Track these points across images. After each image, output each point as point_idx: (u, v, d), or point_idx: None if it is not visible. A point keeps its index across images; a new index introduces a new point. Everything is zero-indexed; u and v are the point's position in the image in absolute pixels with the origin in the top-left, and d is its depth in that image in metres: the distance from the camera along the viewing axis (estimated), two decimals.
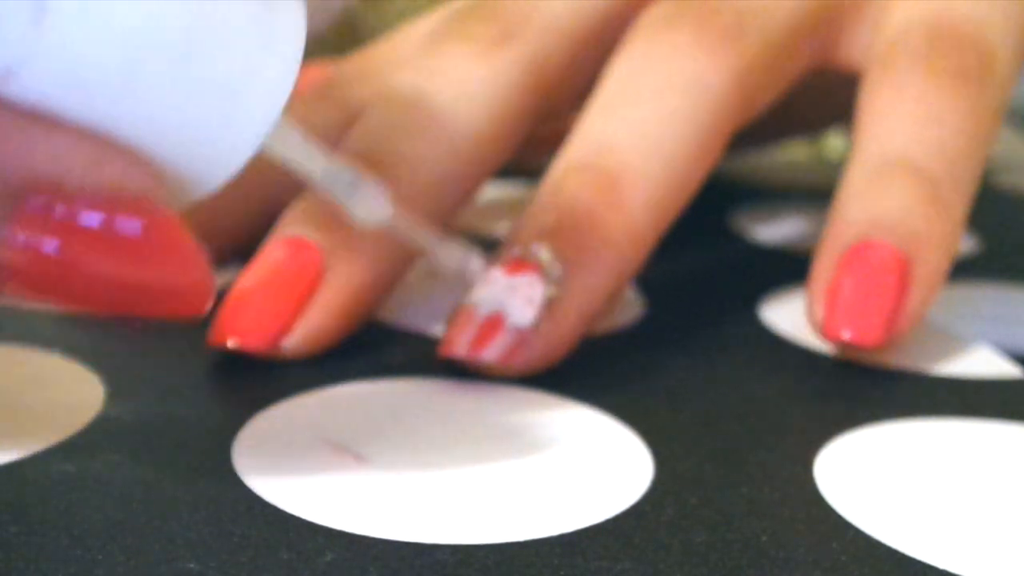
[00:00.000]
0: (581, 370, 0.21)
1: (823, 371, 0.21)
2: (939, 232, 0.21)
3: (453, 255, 0.20)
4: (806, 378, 0.21)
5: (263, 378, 0.19)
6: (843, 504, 0.16)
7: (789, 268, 0.26)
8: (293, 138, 0.16)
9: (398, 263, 0.21)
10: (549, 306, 0.19)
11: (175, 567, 0.14)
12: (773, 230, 0.31)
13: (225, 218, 0.23)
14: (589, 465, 0.17)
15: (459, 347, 0.19)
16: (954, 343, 0.23)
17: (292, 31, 0.15)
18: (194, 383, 0.19)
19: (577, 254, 0.20)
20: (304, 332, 0.20)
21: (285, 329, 0.20)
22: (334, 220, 0.20)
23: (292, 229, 0.21)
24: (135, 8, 0.13)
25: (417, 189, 0.21)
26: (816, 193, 0.31)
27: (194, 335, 0.21)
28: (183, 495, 0.15)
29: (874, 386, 0.21)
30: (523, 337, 0.19)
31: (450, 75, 0.22)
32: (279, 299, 0.20)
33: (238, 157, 0.15)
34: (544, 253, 0.20)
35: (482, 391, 0.19)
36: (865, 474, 0.17)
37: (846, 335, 0.20)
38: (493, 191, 0.31)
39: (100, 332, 0.21)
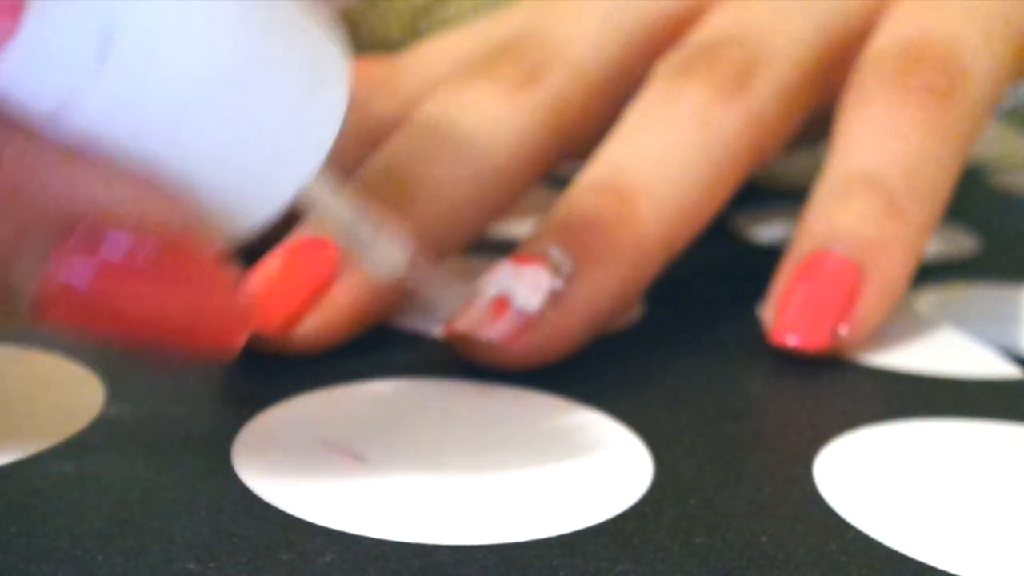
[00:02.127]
0: (581, 370, 0.21)
1: (823, 371, 0.21)
2: (894, 241, 0.22)
3: (456, 302, 0.20)
4: (806, 378, 0.21)
5: (263, 378, 0.19)
6: (843, 504, 0.16)
7: None
8: (328, 184, 0.16)
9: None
10: (554, 297, 0.20)
11: (175, 567, 0.14)
12: (773, 231, 0.31)
13: None
14: (589, 466, 0.17)
15: (463, 324, 0.20)
16: (954, 343, 0.23)
17: (338, 78, 0.15)
18: (194, 384, 0.19)
19: (586, 253, 0.20)
20: (315, 325, 0.20)
21: (296, 320, 0.20)
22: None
23: (313, 230, 0.21)
24: (196, 49, 0.13)
25: (436, 213, 0.22)
26: None
27: None
28: (183, 496, 0.15)
29: (874, 386, 0.21)
30: (527, 322, 0.20)
31: (476, 110, 0.23)
32: (294, 291, 0.20)
33: (280, 198, 0.15)
34: (553, 249, 0.20)
35: (482, 392, 0.19)
36: (865, 474, 0.17)
37: (791, 340, 0.21)
38: None
39: None
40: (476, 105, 0.23)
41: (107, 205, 0.14)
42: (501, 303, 0.20)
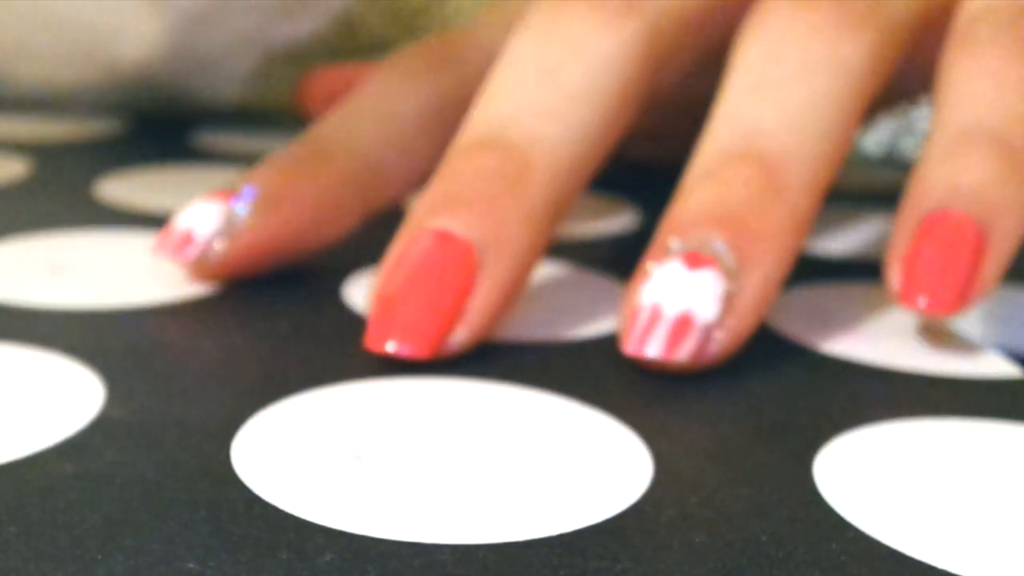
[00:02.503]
0: (580, 370, 0.21)
1: (823, 371, 0.21)
2: (1016, 201, 0.21)
3: None
4: (806, 378, 0.21)
5: (263, 378, 0.19)
6: (843, 504, 0.16)
7: None
8: None
9: (536, 255, 0.21)
10: (728, 301, 0.20)
11: (174, 567, 0.14)
12: None
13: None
14: (588, 465, 0.17)
15: (652, 349, 0.20)
16: (955, 343, 0.23)
17: None
18: (194, 383, 0.19)
19: (750, 247, 0.20)
20: (466, 336, 0.20)
21: (446, 333, 0.20)
22: (477, 211, 0.20)
23: (436, 221, 0.20)
24: None
25: (551, 175, 0.21)
26: None
27: (192, 335, 0.21)
28: (182, 495, 0.15)
29: (874, 386, 0.21)
30: (709, 333, 0.20)
31: (577, 46, 0.22)
32: (438, 301, 0.20)
33: None
34: (720, 246, 0.20)
35: (482, 391, 0.19)
36: (865, 474, 0.17)
37: (922, 303, 0.20)
38: None
39: (100, 332, 0.21)
40: (577, 40, 0.22)
41: None
42: (684, 322, 0.20)
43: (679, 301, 0.20)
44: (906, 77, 0.25)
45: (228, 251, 0.23)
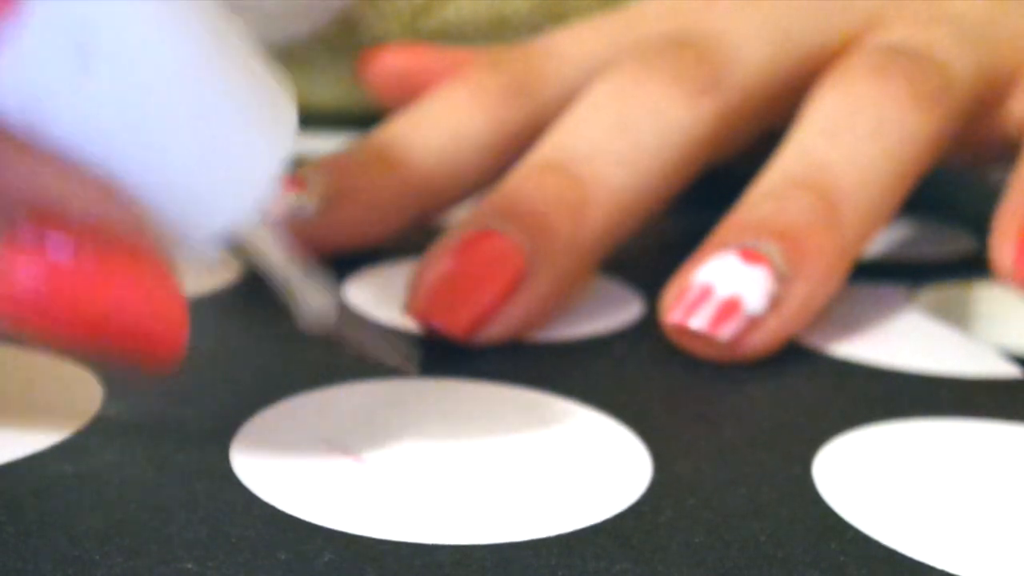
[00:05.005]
0: (580, 370, 0.21)
1: (822, 371, 0.21)
2: None
3: (387, 349, 0.20)
4: (805, 378, 0.21)
5: (262, 378, 0.19)
6: (842, 504, 0.16)
7: None
8: (266, 226, 0.17)
9: (575, 282, 0.23)
10: (774, 301, 0.21)
11: (173, 567, 0.14)
12: None
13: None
14: (587, 465, 0.17)
15: (697, 321, 0.21)
16: (954, 343, 0.23)
17: (287, 122, 0.16)
18: (192, 383, 0.19)
19: (801, 259, 0.21)
20: (498, 334, 0.21)
21: (485, 321, 0.21)
22: (533, 223, 0.21)
23: (497, 224, 0.22)
24: (164, 75, 0.14)
25: (607, 213, 0.23)
26: None
27: (192, 335, 0.21)
28: (181, 495, 0.15)
29: (873, 386, 0.21)
30: (753, 324, 0.21)
31: (656, 110, 0.24)
32: (486, 290, 0.21)
33: (223, 222, 0.15)
34: (775, 252, 0.21)
35: (481, 391, 0.19)
36: (864, 474, 0.17)
37: None
38: None
39: None
40: (656, 107, 0.24)
41: (60, 200, 0.14)
42: (732, 305, 0.21)
43: (731, 286, 0.21)
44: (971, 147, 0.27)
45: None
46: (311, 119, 0.37)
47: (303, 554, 0.14)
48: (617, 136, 0.23)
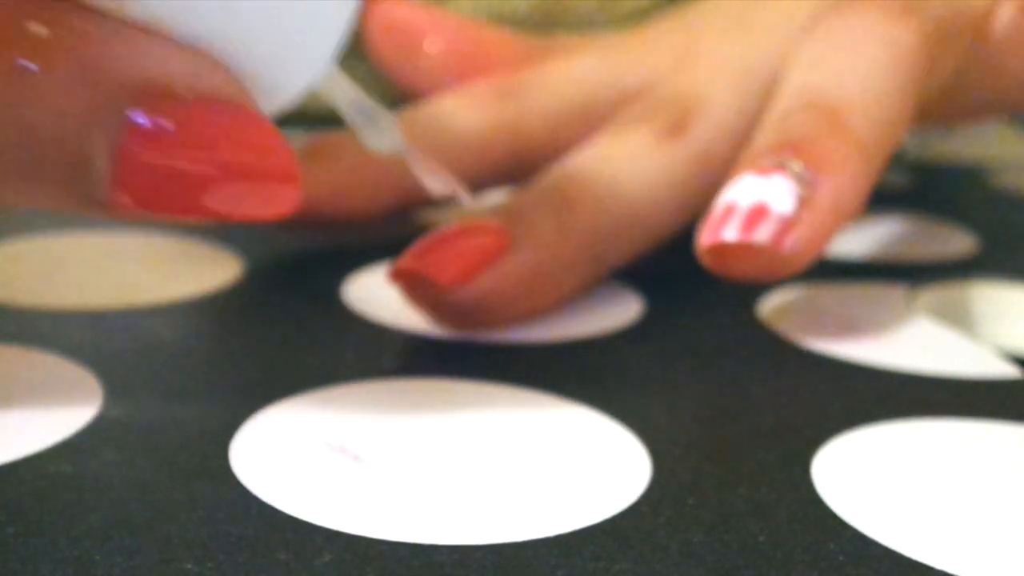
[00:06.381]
0: (579, 370, 0.21)
1: (822, 371, 0.21)
2: None
3: (445, 185, 0.21)
4: (805, 378, 0.21)
5: (262, 378, 0.19)
6: (841, 504, 0.16)
7: None
8: (336, 71, 0.18)
9: (571, 266, 0.23)
10: (803, 201, 0.21)
11: (173, 567, 0.14)
12: None
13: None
14: (587, 465, 0.17)
15: (729, 232, 0.21)
16: (954, 343, 0.23)
17: None
18: (192, 384, 0.19)
19: (818, 160, 0.21)
20: (483, 288, 0.21)
21: (465, 277, 0.21)
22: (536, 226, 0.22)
23: (493, 219, 0.22)
24: None
25: (594, 235, 0.23)
26: None
27: (191, 335, 0.21)
28: (181, 496, 0.15)
29: (873, 386, 0.21)
30: (787, 223, 0.21)
31: (630, 156, 0.25)
32: (469, 250, 0.22)
33: (307, 75, 0.17)
34: (792, 162, 0.21)
35: (480, 392, 0.19)
36: (863, 474, 0.17)
37: None
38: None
39: (99, 332, 0.21)
40: (631, 152, 0.25)
41: (171, 74, 0.15)
42: (759, 210, 0.21)
43: (753, 196, 0.21)
44: (964, 89, 0.27)
45: None
46: (311, 119, 0.37)
47: (303, 554, 0.14)
48: (595, 192, 0.24)
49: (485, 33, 0.33)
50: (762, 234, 0.21)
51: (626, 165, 0.25)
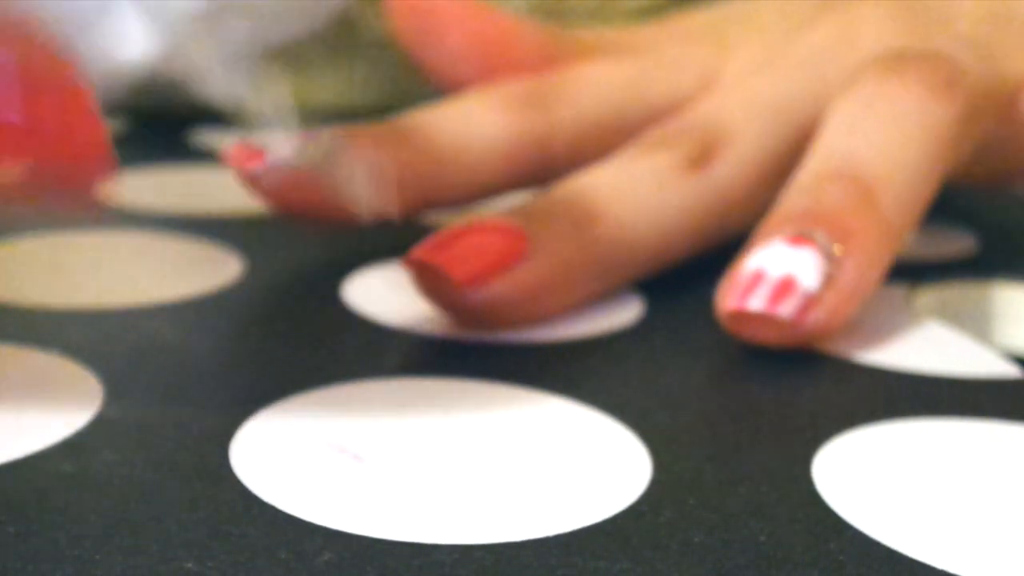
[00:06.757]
0: (580, 370, 0.21)
1: (822, 371, 0.21)
2: None
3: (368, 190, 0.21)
4: (805, 378, 0.21)
5: (262, 378, 0.19)
6: (841, 504, 0.16)
7: None
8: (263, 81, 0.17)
9: (581, 288, 0.23)
10: (828, 279, 0.21)
11: (173, 567, 0.14)
12: None
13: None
14: (587, 465, 0.17)
15: (755, 302, 0.21)
16: (953, 343, 0.23)
17: None
18: (192, 383, 0.19)
19: (846, 238, 0.22)
20: (496, 294, 0.21)
21: (481, 280, 0.21)
22: (556, 228, 0.23)
23: (513, 220, 0.22)
24: None
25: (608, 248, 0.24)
26: None
27: (192, 335, 0.21)
28: (181, 495, 0.15)
29: (873, 385, 0.21)
30: (811, 301, 0.21)
31: (654, 181, 0.25)
32: (486, 251, 0.22)
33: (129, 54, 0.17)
34: (820, 234, 0.22)
35: (480, 391, 0.19)
36: (864, 474, 0.17)
37: None
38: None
39: (99, 332, 0.21)
40: (656, 177, 0.25)
41: None
42: (787, 283, 0.21)
43: (783, 267, 0.21)
44: (995, 154, 0.28)
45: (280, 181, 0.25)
46: (311, 119, 0.37)
47: (303, 554, 0.14)
48: (593, 211, 0.24)
49: (507, 21, 0.33)
50: (787, 309, 0.21)
51: (650, 190, 0.25)
